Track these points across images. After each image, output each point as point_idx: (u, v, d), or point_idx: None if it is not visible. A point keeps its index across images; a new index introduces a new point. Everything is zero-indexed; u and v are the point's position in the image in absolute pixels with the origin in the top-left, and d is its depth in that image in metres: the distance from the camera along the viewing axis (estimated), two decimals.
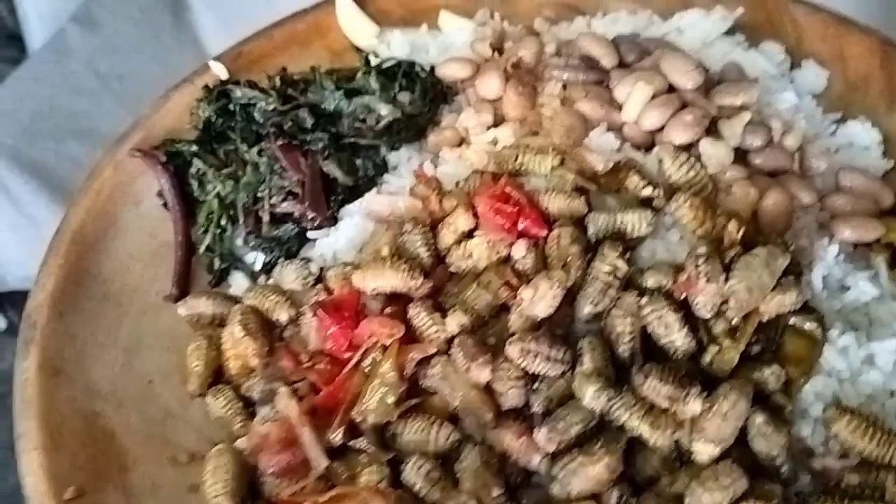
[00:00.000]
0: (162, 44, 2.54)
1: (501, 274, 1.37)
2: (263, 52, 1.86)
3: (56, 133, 2.31)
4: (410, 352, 1.33)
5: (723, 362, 1.30)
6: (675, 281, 1.33)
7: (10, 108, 2.42)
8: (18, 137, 2.37)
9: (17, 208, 2.29)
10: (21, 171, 2.27)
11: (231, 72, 1.81)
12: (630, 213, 1.38)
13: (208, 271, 1.62)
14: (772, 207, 1.45)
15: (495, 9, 1.94)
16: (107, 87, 2.44)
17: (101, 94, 2.43)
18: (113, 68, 2.49)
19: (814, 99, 1.75)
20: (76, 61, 2.49)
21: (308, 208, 1.54)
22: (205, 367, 1.44)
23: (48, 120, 2.36)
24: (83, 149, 2.36)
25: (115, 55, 2.52)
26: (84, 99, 2.40)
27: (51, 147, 2.33)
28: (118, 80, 2.47)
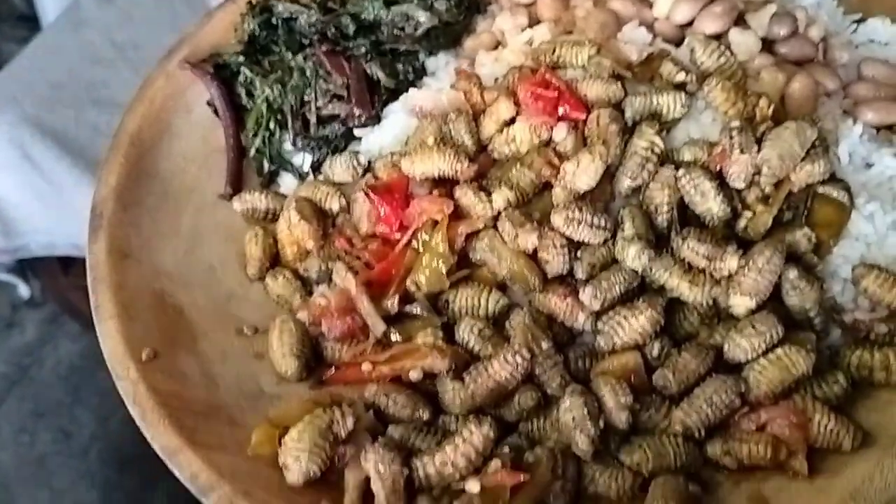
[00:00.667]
0: (176, 13, 2.68)
1: (544, 155, 1.44)
2: None
3: (75, 102, 2.44)
4: (459, 227, 1.41)
5: (756, 226, 1.37)
6: (710, 154, 1.40)
7: (29, 78, 2.53)
8: (39, 105, 2.45)
9: (40, 175, 2.38)
10: (43, 137, 2.37)
11: None
12: (665, 95, 1.45)
13: (258, 174, 1.70)
14: (798, 91, 1.52)
15: None
16: (123, 57, 2.58)
17: (117, 63, 2.56)
18: (129, 38, 2.62)
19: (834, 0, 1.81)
20: (92, 31, 2.61)
21: (355, 105, 1.61)
22: (263, 252, 1.52)
23: (67, 89, 2.49)
24: (102, 116, 2.45)
25: (130, 25, 2.65)
26: (101, 68, 2.53)
27: (70, 115, 2.44)
28: (134, 49, 2.61)
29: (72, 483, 3.02)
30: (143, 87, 1.72)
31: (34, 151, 2.34)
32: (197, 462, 1.17)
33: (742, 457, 1.21)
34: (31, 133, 2.33)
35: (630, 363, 1.28)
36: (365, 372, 1.33)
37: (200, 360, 1.36)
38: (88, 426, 3.10)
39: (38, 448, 3.15)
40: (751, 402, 1.24)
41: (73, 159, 2.33)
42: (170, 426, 1.21)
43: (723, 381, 1.23)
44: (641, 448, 1.21)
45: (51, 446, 3.11)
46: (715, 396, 1.22)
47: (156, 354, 1.32)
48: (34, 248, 2.46)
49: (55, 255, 2.64)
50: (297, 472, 1.17)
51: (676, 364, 1.26)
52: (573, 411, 1.21)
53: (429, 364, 1.30)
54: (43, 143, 2.31)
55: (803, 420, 1.22)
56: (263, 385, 1.35)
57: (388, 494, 1.14)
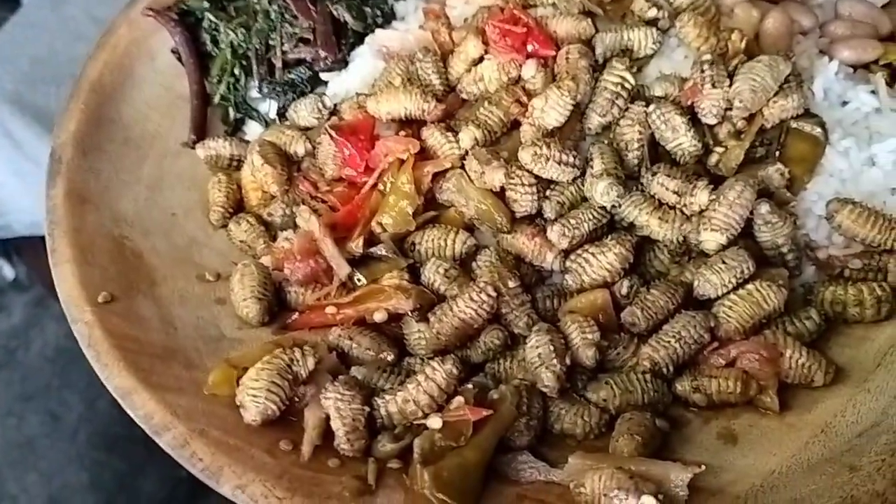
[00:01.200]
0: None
1: (512, 93, 1.41)
2: None
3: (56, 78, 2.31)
4: (426, 166, 1.37)
5: (728, 161, 1.34)
6: (682, 89, 1.37)
7: (9, 53, 2.45)
8: (19, 82, 2.38)
9: (21, 153, 2.31)
10: (23, 115, 2.30)
11: None
12: (636, 31, 1.42)
13: (223, 122, 1.66)
14: (773, 28, 1.48)
15: None
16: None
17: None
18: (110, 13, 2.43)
19: None
20: (72, 7, 2.52)
21: (321, 48, 1.57)
22: (226, 198, 1.49)
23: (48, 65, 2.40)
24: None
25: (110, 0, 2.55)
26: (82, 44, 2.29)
27: (52, 92, 2.32)
28: None
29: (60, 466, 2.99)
30: (105, 34, 1.69)
31: (15, 129, 2.28)
32: (151, 403, 1.14)
33: (711, 393, 1.19)
34: (10, 111, 2.27)
35: (598, 301, 1.25)
36: (329, 315, 1.30)
37: (159, 304, 1.32)
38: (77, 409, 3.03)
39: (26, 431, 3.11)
40: (721, 337, 1.22)
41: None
42: (124, 368, 1.18)
43: (692, 317, 1.21)
44: (608, 385, 1.18)
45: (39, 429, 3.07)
46: (684, 332, 1.19)
47: (113, 298, 1.28)
48: (17, 227, 2.40)
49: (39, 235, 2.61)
50: (254, 412, 1.14)
51: (645, 301, 1.23)
52: (539, 348, 1.18)
53: (393, 305, 1.27)
54: (23, 121, 2.26)
55: (774, 355, 1.20)
56: (224, 329, 1.31)
57: (347, 432, 1.12)
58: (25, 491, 2.95)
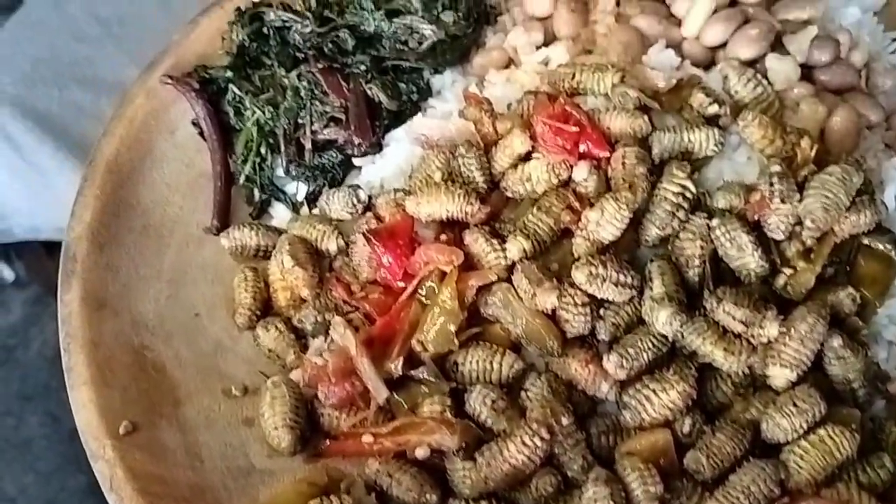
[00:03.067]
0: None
1: (562, 197, 1.31)
2: None
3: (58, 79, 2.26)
4: (470, 279, 1.28)
5: (798, 285, 1.25)
6: (747, 201, 1.27)
7: (9, 53, 2.34)
8: (19, 84, 2.26)
9: (21, 156, 2.19)
10: (24, 118, 2.18)
11: None
12: (696, 132, 1.32)
13: (248, 203, 1.56)
14: (840, 125, 1.39)
15: None
16: (108, 32, 2.37)
17: (102, 39, 2.36)
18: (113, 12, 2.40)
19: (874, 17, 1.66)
20: (75, 6, 2.41)
21: (354, 134, 1.47)
22: (253, 299, 1.39)
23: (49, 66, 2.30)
24: (86, 95, 2.26)
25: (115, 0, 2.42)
26: (85, 45, 2.34)
27: (53, 94, 2.24)
28: (119, 25, 2.38)
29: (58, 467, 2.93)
30: (122, 105, 1.58)
31: (15, 132, 2.14)
32: None
33: None
34: (11, 114, 2.15)
35: (659, 443, 1.16)
36: (366, 444, 1.21)
37: (184, 429, 1.24)
38: None
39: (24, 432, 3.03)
40: (791, 489, 1.13)
41: (56, 141, 2.12)
42: None
43: (761, 469, 1.12)
44: None
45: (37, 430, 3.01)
46: (753, 486, 1.11)
47: (135, 427, 1.19)
48: (17, 231, 2.28)
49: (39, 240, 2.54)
50: None
51: (710, 446, 1.14)
52: (598, 501, 1.09)
53: (437, 440, 1.18)
54: (24, 125, 2.13)
55: None
56: (253, 458, 1.23)
57: None
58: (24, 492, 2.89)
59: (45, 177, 2.30)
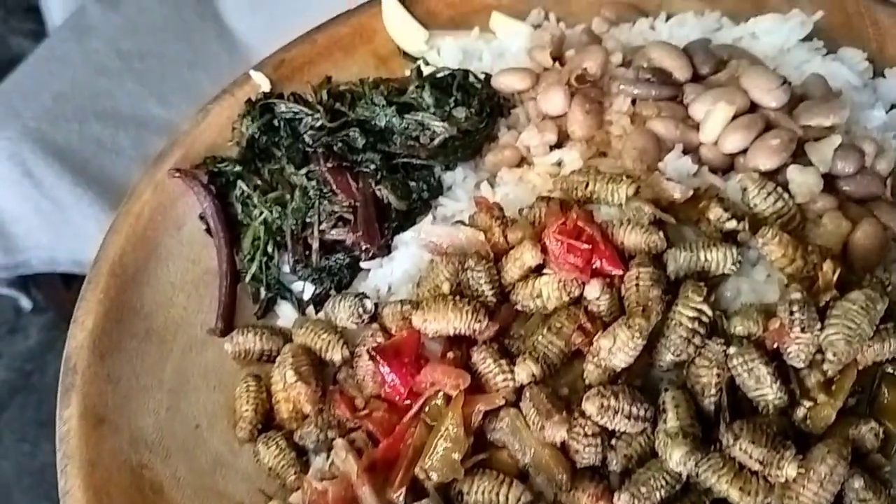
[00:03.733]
0: (184, 21, 2.53)
1: (574, 317, 1.27)
2: (307, 58, 1.75)
3: (78, 114, 2.30)
4: (476, 403, 1.24)
5: (818, 419, 1.20)
6: (766, 328, 1.22)
7: (31, 88, 2.39)
8: (41, 119, 2.31)
9: (40, 191, 2.26)
10: (45, 153, 2.24)
11: (273, 80, 1.71)
12: (714, 251, 1.27)
13: (254, 301, 1.53)
14: (864, 241, 1.34)
15: (549, 8, 1.82)
16: (128, 67, 2.44)
17: (122, 73, 2.42)
18: (134, 47, 2.47)
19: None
20: (97, 40, 2.46)
21: (362, 238, 1.44)
22: (254, 411, 1.36)
23: (70, 101, 2.35)
24: (106, 130, 2.33)
25: (136, 33, 2.49)
26: (106, 79, 2.39)
27: (73, 128, 2.30)
28: (140, 59, 2.47)
29: None
30: (129, 200, 1.56)
31: (35, 168, 2.24)
32: None
33: None
34: (31, 149, 2.24)
35: None
36: None
37: None
38: None
39: (40, 458, 3.03)
40: None
41: (75, 176, 2.24)
42: None
43: None
44: None
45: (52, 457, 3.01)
46: None
47: None
48: (35, 263, 2.38)
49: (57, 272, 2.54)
50: None
51: None
52: None
53: None
54: (44, 160, 2.23)
55: None
56: None
57: None
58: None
59: (63, 211, 2.33)
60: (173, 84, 2.46)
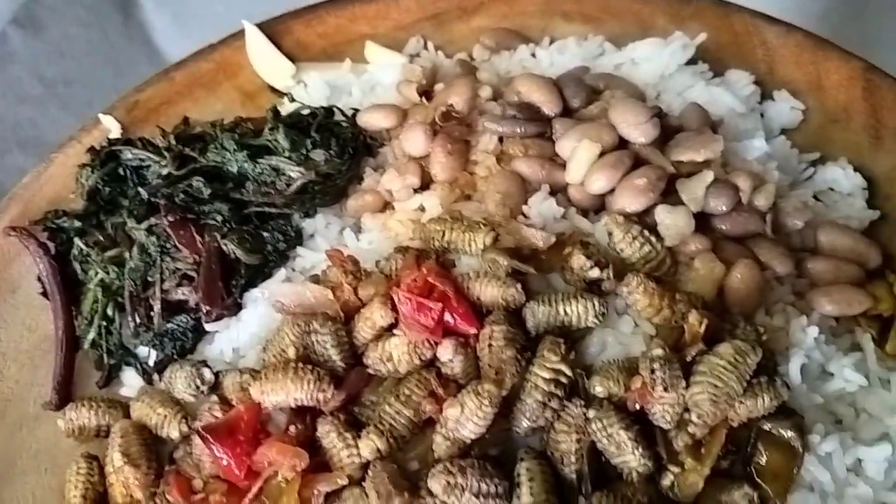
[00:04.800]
0: (112, 45, 2.43)
1: (424, 382, 1.16)
2: (164, 98, 1.64)
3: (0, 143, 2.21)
4: (317, 483, 1.12)
5: (686, 487, 1.11)
6: (628, 388, 1.12)
7: None
8: None
9: None
10: None
11: (127, 124, 1.60)
12: (574, 303, 1.18)
13: (97, 368, 1.40)
14: (740, 284, 1.25)
15: (429, 37, 1.72)
16: (52, 93, 2.36)
17: (46, 100, 2.34)
18: (59, 73, 2.39)
19: (786, 138, 1.54)
20: (19, 67, 2.38)
21: (202, 301, 1.32)
22: (83, 497, 1.24)
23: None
24: (29, 158, 2.26)
25: (61, 59, 2.41)
26: (28, 106, 2.31)
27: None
28: (65, 85, 2.39)
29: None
30: None
31: None
32: None
33: None
34: None
35: None
36: None
37: None
38: None
39: None
40: None
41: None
42: None
43: None
44: None
45: None
46: None
47: None
48: None
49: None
50: None
51: None
52: None
53: None
54: None
55: None
56: None
57: None
58: None
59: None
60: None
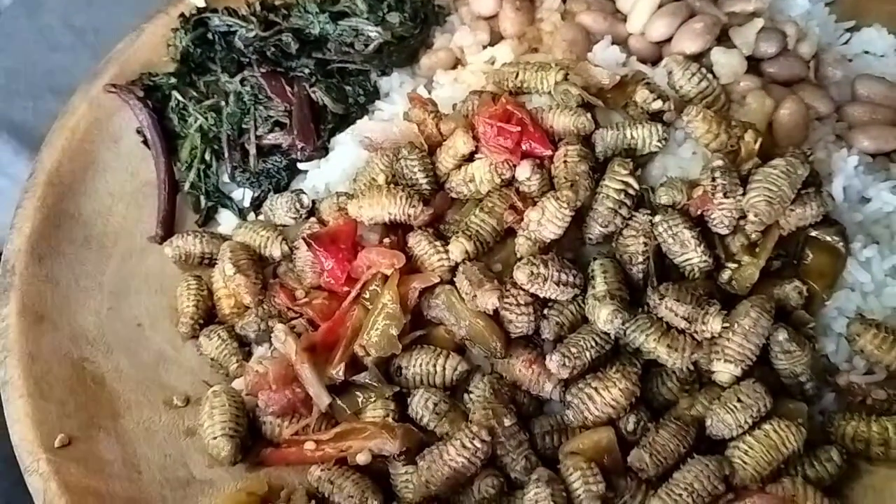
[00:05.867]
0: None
1: (505, 197, 1.30)
2: None
3: (33, 90, 2.25)
4: (413, 282, 1.26)
5: (742, 279, 1.24)
6: (690, 197, 1.26)
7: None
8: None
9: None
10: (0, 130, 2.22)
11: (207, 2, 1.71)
12: (640, 128, 1.30)
13: (195, 210, 1.54)
14: (788, 118, 1.38)
15: None
16: (82, 41, 2.37)
17: (76, 48, 2.35)
18: (88, 21, 2.41)
19: (825, 7, 1.66)
20: (50, 15, 2.42)
21: (297, 138, 1.46)
22: (196, 307, 1.37)
23: (24, 77, 2.30)
24: (62, 105, 2.31)
25: (89, 7, 2.43)
26: (59, 54, 2.34)
27: (28, 105, 2.22)
28: (94, 34, 2.38)
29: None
30: (63, 116, 1.56)
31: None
32: None
33: None
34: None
35: (602, 442, 1.15)
36: (308, 452, 1.19)
37: (122, 441, 1.22)
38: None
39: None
40: (735, 485, 1.11)
41: (32, 152, 1.99)
42: None
43: (705, 466, 1.10)
44: None
45: None
46: (696, 484, 1.09)
47: (70, 440, 1.17)
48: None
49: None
50: None
51: (654, 443, 1.13)
52: (539, 501, 1.08)
53: (378, 446, 1.16)
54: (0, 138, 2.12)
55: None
56: (193, 469, 1.21)
57: None
58: None
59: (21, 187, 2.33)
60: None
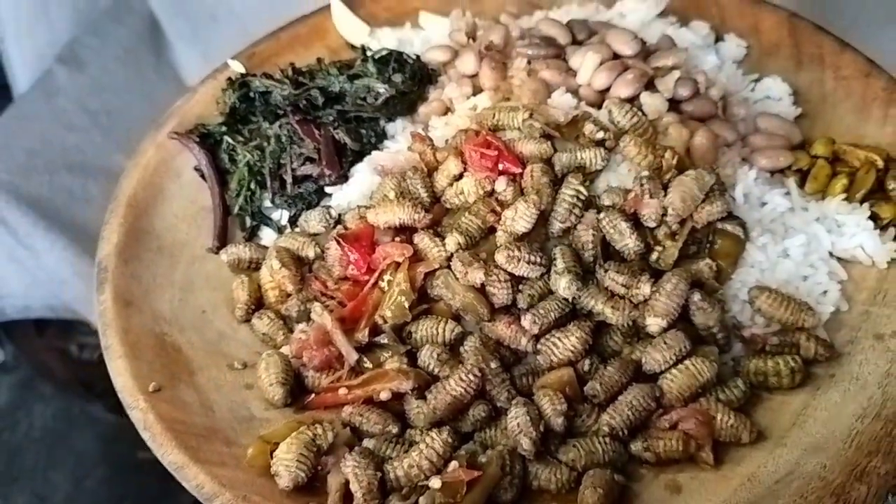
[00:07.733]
0: (146, 80, 2.77)
1: (488, 204, 1.70)
2: (272, 51, 2.19)
3: (49, 167, 2.47)
4: (419, 268, 1.65)
5: (666, 258, 1.63)
6: (626, 199, 1.67)
7: (4, 144, 2.55)
8: (14, 173, 2.45)
9: (16, 239, 2.41)
10: (18, 203, 2.39)
11: (246, 69, 2.14)
12: (588, 151, 1.72)
13: (241, 228, 1.93)
14: (700, 143, 1.80)
15: (466, 8, 2.30)
16: (95, 123, 2.63)
17: (90, 129, 2.61)
18: (101, 105, 2.68)
19: (735, 65, 2.11)
20: (65, 99, 2.63)
21: (325, 167, 1.86)
22: (249, 296, 1.75)
23: (41, 155, 2.51)
24: (77, 181, 2.49)
25: (102, 93, 2.69)
26: (74, 134, 2.55)
27: (45, 180, 2.46)
28: (106, 116, 2.67)
29: None
30: (136, 155, 1.96)
31: (9, 217, 2.38)
32: (201, 475, 1.39)
33: (659, 451, 1.45)
34: (6, 199, 2.37)
35: (565, 377, 1.52)
36: (341, 396, 1.56)
37: (198, 390, 1.58)
38: (63, 489, 3.00)
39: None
40: (665, 405, 1.49)
41: (49, 223, 2.36)
42: (176, 447, 1.43)
43: (641, 389, 1.48)
44: (575, 447, 1.44)
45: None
46: (635, 401, 1.46)
47: (160, 388, 1.53)
48: (9, 311, 2.49)
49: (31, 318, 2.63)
50: (287, 479, 1.39)
51: (603, 377, 1.50)
52: (518, 419, 1.44)
53: (396, 385, 1.52)
54: (18, 209, 2.36)
55: (708, 418, 1.47)
56: (254, 411, 1.56)
57: (364, 494, 1.36)
58: None
59: (38, 258, 2.40)
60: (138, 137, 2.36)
